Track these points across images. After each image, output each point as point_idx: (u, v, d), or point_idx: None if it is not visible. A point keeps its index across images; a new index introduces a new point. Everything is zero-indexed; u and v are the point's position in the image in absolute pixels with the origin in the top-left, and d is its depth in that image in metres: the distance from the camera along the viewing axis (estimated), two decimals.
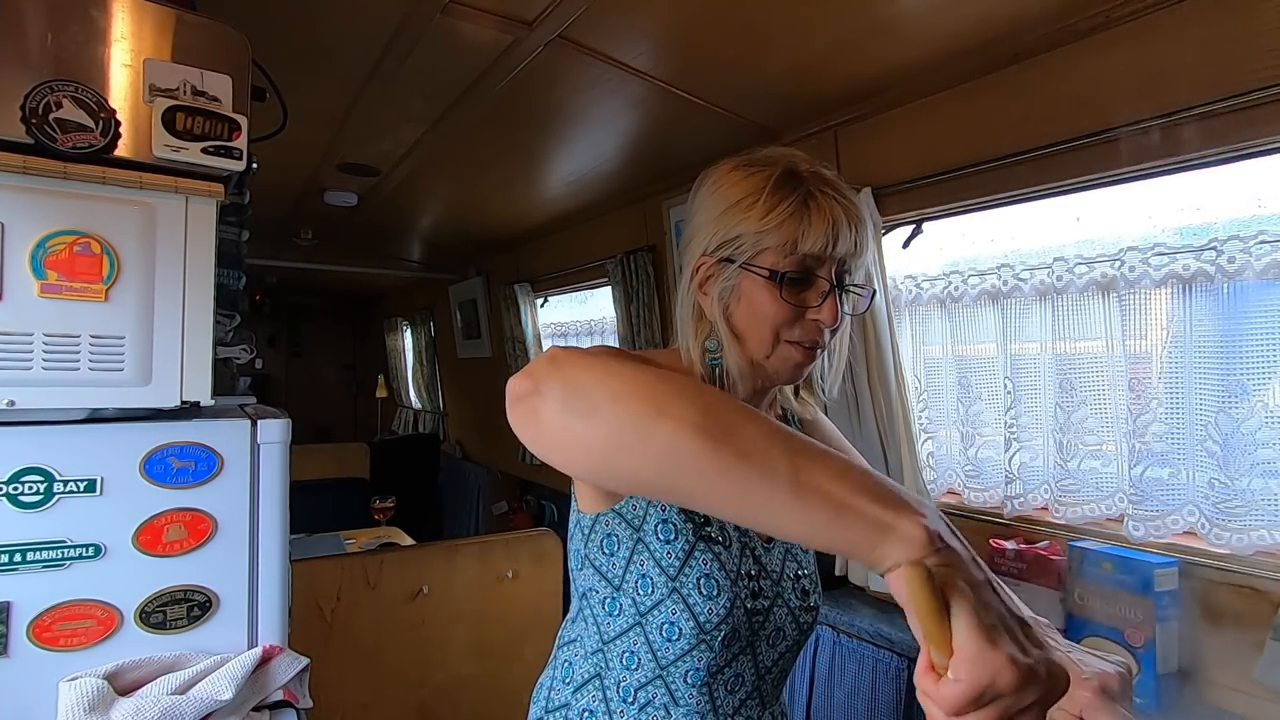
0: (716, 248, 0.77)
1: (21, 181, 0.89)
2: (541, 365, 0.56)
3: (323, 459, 4.48)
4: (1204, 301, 1.26)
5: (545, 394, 0.54)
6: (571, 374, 0.54)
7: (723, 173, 0.79)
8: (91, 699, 0.88)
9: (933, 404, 1.80)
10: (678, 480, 0.50)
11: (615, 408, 0.51)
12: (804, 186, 0.74)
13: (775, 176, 0.74)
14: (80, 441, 0.95)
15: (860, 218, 0.75)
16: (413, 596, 2.06)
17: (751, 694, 0.80)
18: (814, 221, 0.73)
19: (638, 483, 0.54)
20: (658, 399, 0.51)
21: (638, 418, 0.50)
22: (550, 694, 0.83)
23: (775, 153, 0.79)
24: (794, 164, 0.76)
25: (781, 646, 0.82)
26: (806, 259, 0.74)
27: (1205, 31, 1.13)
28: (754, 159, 0.78)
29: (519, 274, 3.57)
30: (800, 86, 1.65)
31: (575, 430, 0.53)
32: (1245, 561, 1.20)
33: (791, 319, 0.75)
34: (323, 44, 1.56)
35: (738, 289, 0.76)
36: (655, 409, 0.50)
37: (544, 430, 0.55)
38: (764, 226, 0.73)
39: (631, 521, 0.75)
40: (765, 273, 0.74)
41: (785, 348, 0.77)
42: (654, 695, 0.76)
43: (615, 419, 0.51)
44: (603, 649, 0.79)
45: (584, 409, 0.52)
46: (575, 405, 0.53)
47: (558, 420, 0.54)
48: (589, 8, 1.35)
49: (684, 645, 0.74)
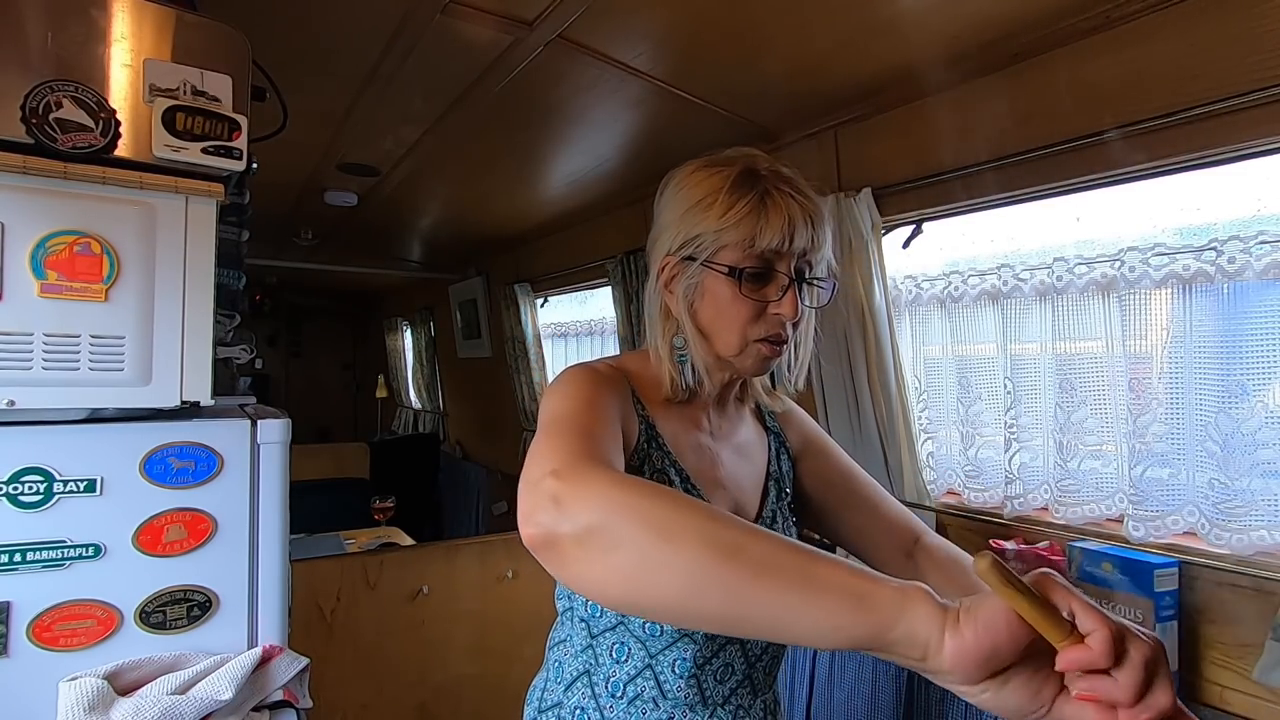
0: (679, 247, 0.79)
1: (21, 181, 0.89)
2: (545, 511, 0.57)
3: (323, 459, 4.49)
4: (1204, 301, 1.26)
5: (563, 545, 0.55)
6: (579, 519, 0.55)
7: (686, 174, 0.81)
8: (91, 699, 0.88)
9: (933, 404, 1.80)
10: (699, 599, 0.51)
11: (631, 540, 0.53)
12: (761, 185, 0.76)
13: (734, 176, 0.77)
14: (80, 441, 0.95)
15: (817, 213, 0.78)
16: (413, 596, 2.06)
17: (742, 682, 0.81)
18: (770, 218, 0.75)
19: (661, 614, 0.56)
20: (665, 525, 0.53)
21: (654, 546, 0.52)
22: (544, 694, 0.84)
23: (737, 153, 0.81)
24: (753, 163, 0.79)
25: None
26: (765, 254, 0.76)
27: (1205, 31, 1.13)
28: (716, 159, 0.81)
29: (519, 274, 3.57)
30: (800, 87, 1.65)
31: (597, 572, 0.54)
32: (1245, 561, 1.19)
33: (753, 314, 0.77)
34: (323, 44, 1.56)
35: (700, 286, 0.79)
36: (666, 536, 0.52)
37: (573, 573, 0.56)
38: (723, 225, 0.75)
39: None
40: (725, 269, 0.76)
41: (752, 346, 0.79)
42: (643, 688, 0.77)
43: (635, 552, 0.53)
44: (592, 644, 0.80)
45: (602, 549, 0.54)
46: (593, 546, 0.54)
47: (581, 563, 0.55)
48: (589, 8, 1.35)
49: (669, 636, 0.76)
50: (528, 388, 3.59)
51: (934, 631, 0.46)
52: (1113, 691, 0.44)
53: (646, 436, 0.81)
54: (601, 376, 0.79)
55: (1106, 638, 0.44)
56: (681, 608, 0.52)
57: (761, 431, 0.96)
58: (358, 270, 4.57)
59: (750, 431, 0.94)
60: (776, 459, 0.94)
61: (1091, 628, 0.45)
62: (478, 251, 3.91)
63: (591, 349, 3.34)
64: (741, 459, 0.90)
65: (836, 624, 0.48)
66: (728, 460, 0.88)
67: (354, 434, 6.68)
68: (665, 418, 0.84)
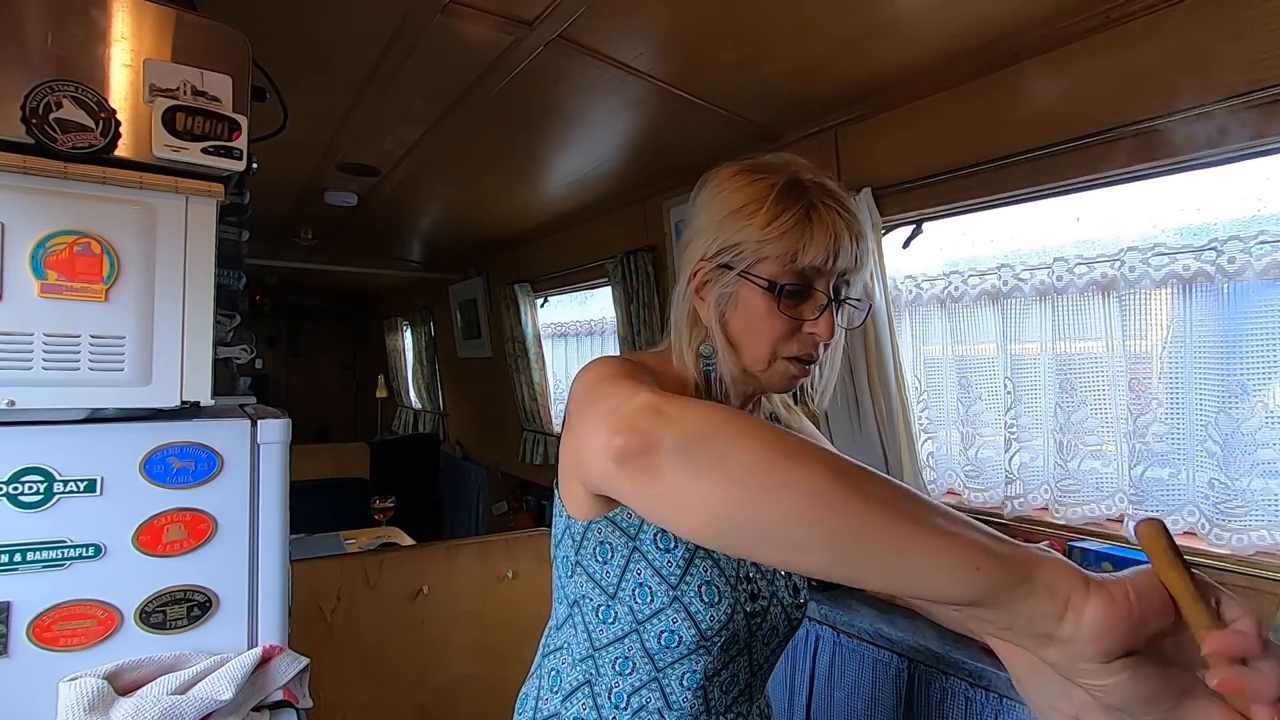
0: (716, 253, 0.76)
1: (21, 181, 0.89)
2: (646, 417, 0.51)
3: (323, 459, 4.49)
4: (1204, 301, 1.26)
5: (663, 449, 0.50)
6: (685, 425, 0.50)
7: (725, 177, 0.78)
8: (91, 699, 0.88)
9: (933, 404, 1.80)
10: (815, 530, 0.45)
11: (744, 457, 0.47)
12: (807, 198, 0.73)
13: (779, 186, 0.74)
14: (80, 441, 0.95)
15: (862, 231, 0.75)
16: (413, 596, 2.06)
17: (743, 691, 0.81)
18: (815, 234, 0.72)
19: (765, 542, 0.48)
20: (784, 442, 0.48)
21: (771, 466, 0.47)
22: (538, 703, 0.82)
23: (779, 160, 0.78)
24: (798, 173, 0.76)
25: (774, 644, 0.82)
26: (806, 271, 0.73)
27: (1205, 31, 1.13)
28: (758, 165, 0.78)
29: (519, 274, 3.58)
30: (800, 87, 1.65)
31: (700, 488, 0.48)
32: (1245, 561, 1.19)
33: (787, 332, 0.75)
34: (323, 44, 1.56)
35: (735, 296, 0.76)
36: (785, 452, 0.47)
37: (667, 487, 0.50)
38: (765, 236, 0.72)
39: (627, 530, 0.74)
40: (764, 283, 0.74)
41: (780, 363, 0.76)
42: (648, 700, 0.75)
43: (746, 470, 0.47)
44: (593, 655, 0.77)
45: (711, 459, 0.48)
46: (701, 456, 0.48)
47: (683, 475, 0.49)
48: (589, 8, 1.35)
49: (682, 651, 0.74)
50: (528, 388, 3.59)
51: (1077, 586, 0.41)
52: (1256, 682, 0.40)
53: None
54: (631, 365, 0.75)
55: (1257, 626, 0.41)
56: (793, 532, 0.45)
57: None
58: (358, 270, 4.57)
59: None
60: None
61: (1238, 614, 0.41)
62: (478, 251, 3.91)
63: (591, 349, 3.35)
64: None
65: (967, 561, 0.42)
66: None
67: (354, 434, 6.68)
68: None
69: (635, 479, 0.51)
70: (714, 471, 0.48)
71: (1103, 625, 0.40)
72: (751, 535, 0.47)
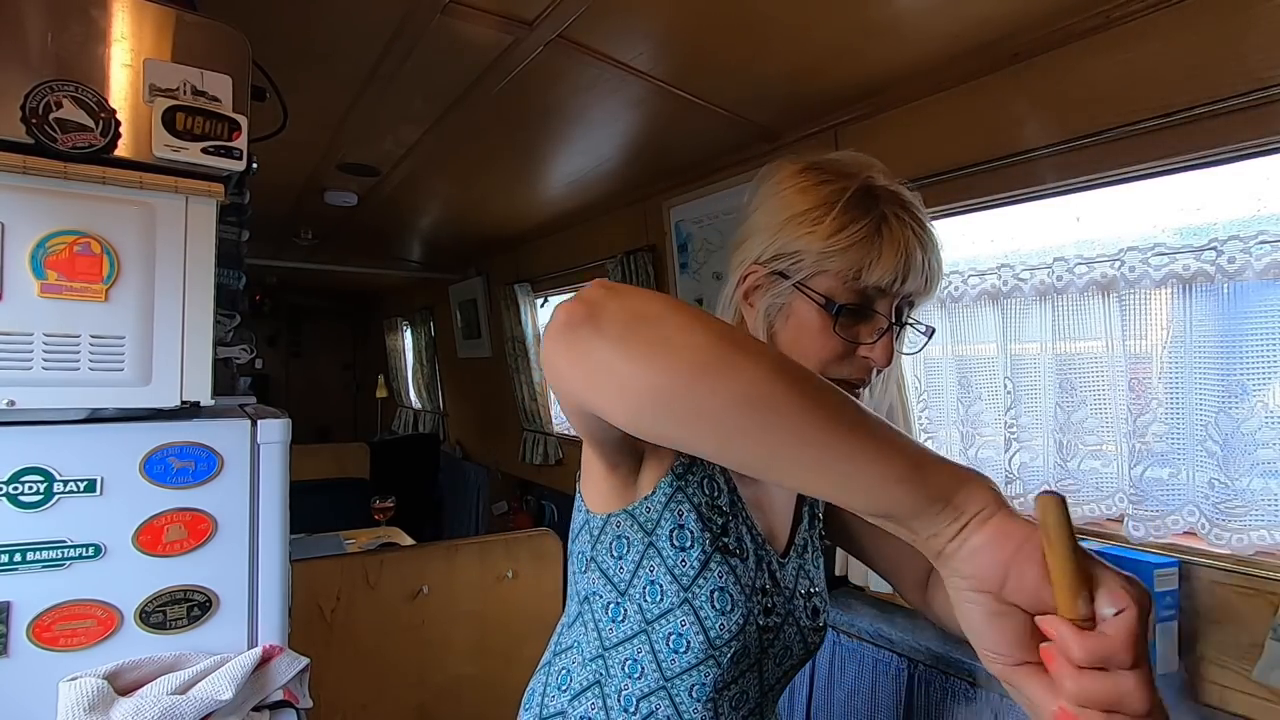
0: (771, 258, 0.70)
1: (21, 181, 0.89)
2: (597, 291, 0.50)
3: (323, 459, 4.48)
4: (1204, 301, 1.26)
5: (605, 319, 0.48)
6: (635, 302, 0.48)
7: (789, 174, 0.72)
8: (91, 699, 0.88)
9: (933, 404, 1.80)
10: (750, 420, 0.44)
11: (689, 338, 0.46)
12: (879, 209, 0.67)
13: (850, 192, 0.67)
14: (80, 441, 0.95)
15: (935, 251, 0.69)
16: (413, 596, 2.06)
17: (754, 710, 0.78)
18: (884, 252, 0.66)
19: (697, 426, 0.46)
20: (730, 334, 0.46)
21: (716, 350, 0.45)
22: (544, 700, 0.80)
23: (852, 161, 0.72)
24: (871, 179, 0.70)
25: (787, 664, 0.79)
26: (868, 290, 0.68)
27: (1204, 31, 1.13)
28: (827, 164, 0.72)
29: (519, 274, 3.58)
30: (800, 87, 1.65)
31: (638, 361, 0.46)
32: (1245, 561, 1.20)
33: (841, 354, 0.69)
34: (322, 44, 1.56)
35: (787, 309, 0.70)
36: (731, 344, 0.45)
37: (595, 361, 0.48)
38: (828, 248, 0.66)
39: (644, 524, 0.72)
40: (820, 299, 0.68)
41: None
42: (657, 706, 0.72)
43: (691, 350, 0.45)
44: (603, 655, 0.75)
45: (652, 338, 0.46)
46: (642, 333, 0.47)
47: (617, 350, 0.47)
48: (589, 8, 1.35)
49: (691, 659, 0.71)
50: (528, 388, 3.59)
51: (982, 511, 0.41)
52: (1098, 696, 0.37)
53: None
54: None
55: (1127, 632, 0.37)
56: (728, 420, 0.44)
57: None
58: (358, 270, 4.57)
59: None
60: None
61: (1116, 609, 0.38)
62: (478, 251, 3.91)
63: None
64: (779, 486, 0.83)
65: (890, 475, 0.42)
66: (767, 485, 0.82)
67: (354, 434, 6.68)
68: None
69: (564, 348, 0.49)
70: (656, 350, 0.46)
71: (979, 559, 0.40)
72: (684, 419, 0.46)
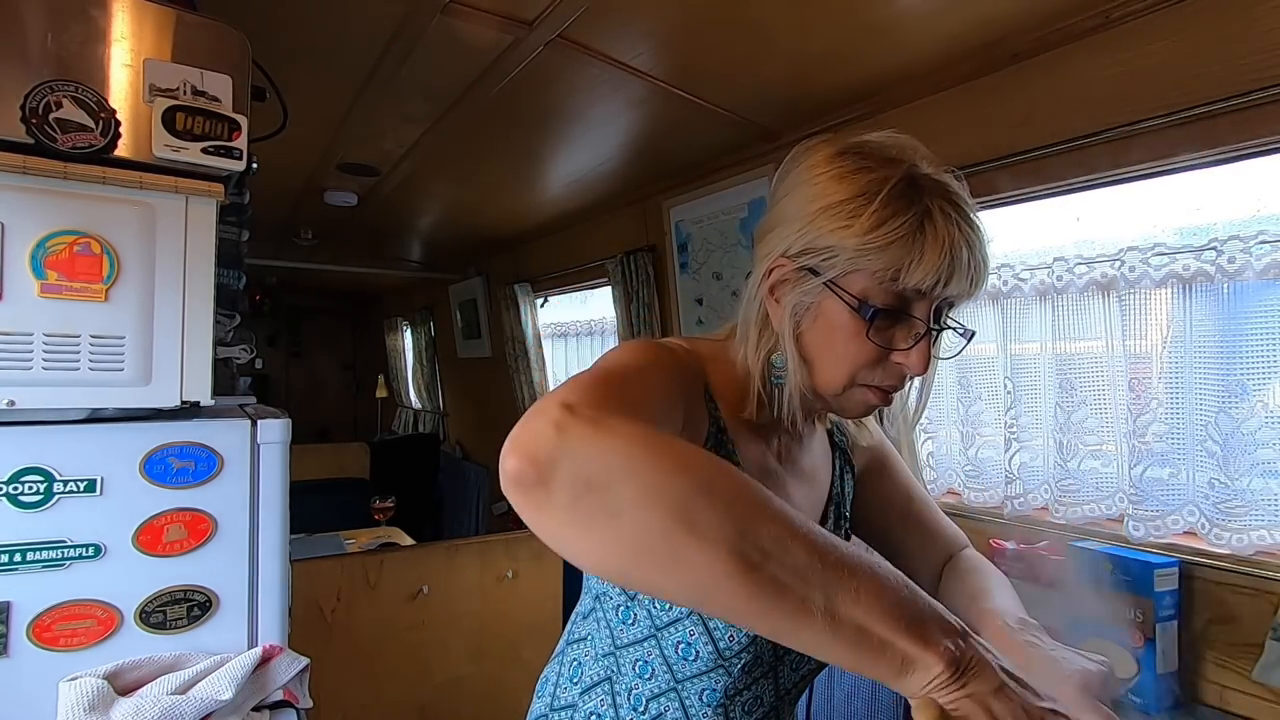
0: (801, 251, 0.64)
1: (21, 181, 0.89)
2: (546, 439, 0.45)
3: (323, 459, 4.49)
4: (1204, 301, 1.26)
5: (553, 487, 0.44)
6: (590, 460, 0.45)
7: (824, 157, 0.65)
8: (91, 699, 0.88)
9: (932, 404, 1.80)
10: (704, 603, 0.46)
11: (640, 515, 0.43)
12: (923, 202, 0.61)
13: (892, 183, 0.61)
14: (80, 441, 0.95)
15: (983, 249, 0.63)
16: (413, 596, 2.06)
17: (769, 713, 0.77)
18: (926, 253, 0.60)
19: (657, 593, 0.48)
20: (688, 508, 0.44)
21: (666, 533, 0.43)
22: (556, 691, 0.79)
23: (894, 144, 0.66)
24: (916, 168, 0.63)
25: (805, 670, 0.78)
26: (906, 293, 0.62)
27: (1204, 31, 1.13)
28: (867, 148, 0.65)
29: (519, 274, 3.57)
30: (800, 87, 1.65)
31: (584, 541, 0.45)
32: (1245, 561, 1.19)
33: (873, 359, 0.64)
34: (323, 44, 1.56)
35: (817, 308, 0.65)
36: (685, 523, 0.43)
37: (546, 531, 0.46)
38: (865, 245, 0.60)
39: None
40: (854, 301, 0.62)
41: (859, 390, 0.66)
42: (666, 707, 0.71)
43: (638, 531, 0.43)
44: (614, 653, 0.74)
45: (601, 511, 0.44)
46: (590, 506, 0.44)
47: (565, 523, 0.45)
48: (589, 8, 1.35)
49: (701, 667, 0.69)
50: (528, 388, 3.59)
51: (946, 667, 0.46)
52: None
53: (716, 440, 0.70)
54: (674, 354, 0.66)
55: None
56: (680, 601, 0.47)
57: (828, 449, 0.86)
58: (358, 270, 4.57)
59: (817, 451, 0.83)
60: (840, 479, 0.86)
61: None
62: (478, 251, 3.91)
63: (592, 349, 3.34)
64: (804, 484, 0.81)
65: (839, 663, 0.47)
66: (791, 486, 0.79)
67: (354, 434, 6.68)
68: (737, 427, 0.72)
69: (521, 506, 0.46)
70: (605, 527, 0.44)
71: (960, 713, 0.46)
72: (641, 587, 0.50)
